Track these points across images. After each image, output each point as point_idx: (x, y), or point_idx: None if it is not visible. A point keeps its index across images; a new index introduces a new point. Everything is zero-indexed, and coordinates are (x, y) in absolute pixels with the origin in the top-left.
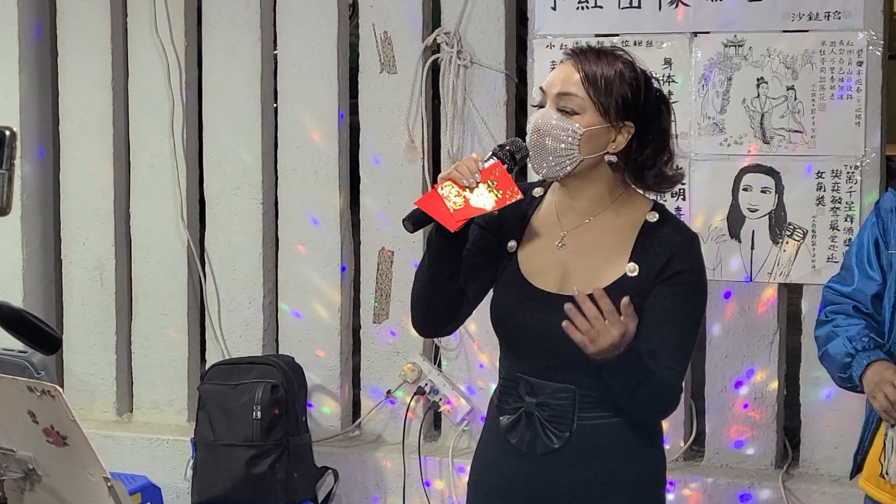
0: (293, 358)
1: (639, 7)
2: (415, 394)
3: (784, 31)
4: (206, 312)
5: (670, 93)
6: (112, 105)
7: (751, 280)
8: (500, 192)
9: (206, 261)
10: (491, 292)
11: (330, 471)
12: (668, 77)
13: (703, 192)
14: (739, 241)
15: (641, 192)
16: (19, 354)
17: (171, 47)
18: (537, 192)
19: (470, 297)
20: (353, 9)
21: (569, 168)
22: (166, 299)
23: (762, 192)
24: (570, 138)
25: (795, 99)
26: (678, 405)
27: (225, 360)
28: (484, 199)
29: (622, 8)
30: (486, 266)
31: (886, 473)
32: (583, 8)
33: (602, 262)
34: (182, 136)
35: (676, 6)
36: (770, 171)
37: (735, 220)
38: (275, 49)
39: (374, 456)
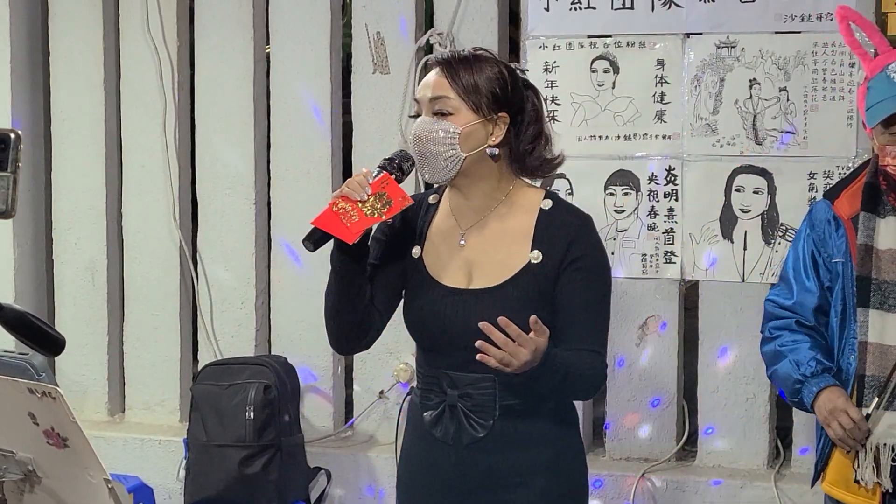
0: (286, 358)
1: (631, 8)
2: (407, 394)
3: (776, 33)
4: (198, 313)
5: (663, 94)
6: (104, 105)
7: (743, 281)
8: (392, 200)
9: (199, 261)
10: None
11: (323, 471)
12: (661, 78)
13: (695, 192)
14: (732, 242)
15: (529, 182)
16: (20, 356)
17: (163, 47)
18: (433, 199)
19: (381, 309)
20: (346, 9)
21: (455, 169)
22: (158, 299)
23: (754, 192)
24: (449, 139)
25: (788, 100)
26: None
27: (217, 360)
28: (377, 210)
29: (615, 9)
30: (392, 276)
31: (862, 479)
32: (576, 9)
33: (505, 254)
34: (174, 135)
35: (669, 7)
36: (762, 172)
37: (727, 221)
38: (267, 48)
39: (366, 456)
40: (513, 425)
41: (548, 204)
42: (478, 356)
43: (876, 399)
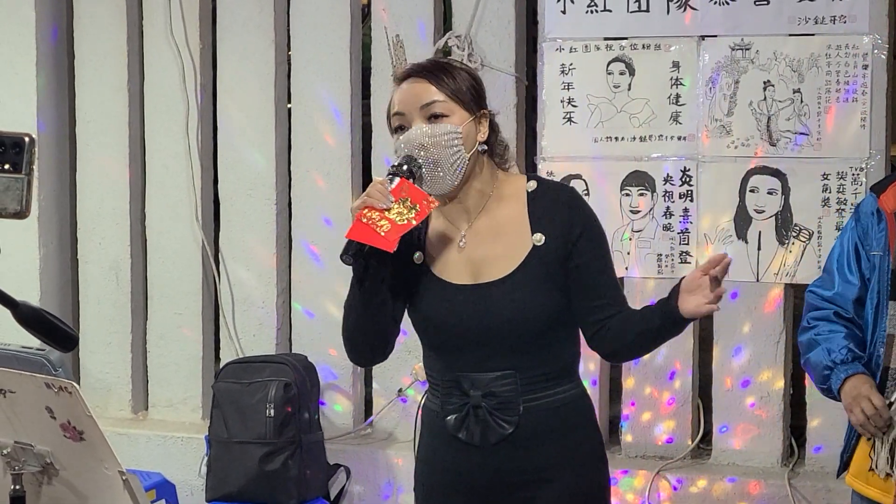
0: (306, 357)
1: (647, 11)
2: (426, 392)
3: (790, 35)
4: (220, 312)
5: (678, 95)
6: (128, 107)
7: (758, 280)
8: (417, 204)
9: (221, 260)
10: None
11: (342, 468)
12: (676, 80)
13: (710, 193)
14: (746, 242)
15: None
16: (37, 352)
17: (185, 50)
18: None
19: (396, 318)
20: (366, 12)
21: (462, 170)
22: (181, 299)
23: (769, 193)
24: (454, 139)
25: (801, 102)
26: None
27: (239, 358)
28: (405, 215)
29: (630, 12)
30: (398, 285)
31: (876, 466)
32: (592, 12)
33: (507, 244)
34: (197, 137)
35: (684, 10)
36: (776, 173)
37: (742, 222)
38: (288, 51)
39: (385, 453)
40: (536, 419)
41: (532, 185)
42: (713, 296)
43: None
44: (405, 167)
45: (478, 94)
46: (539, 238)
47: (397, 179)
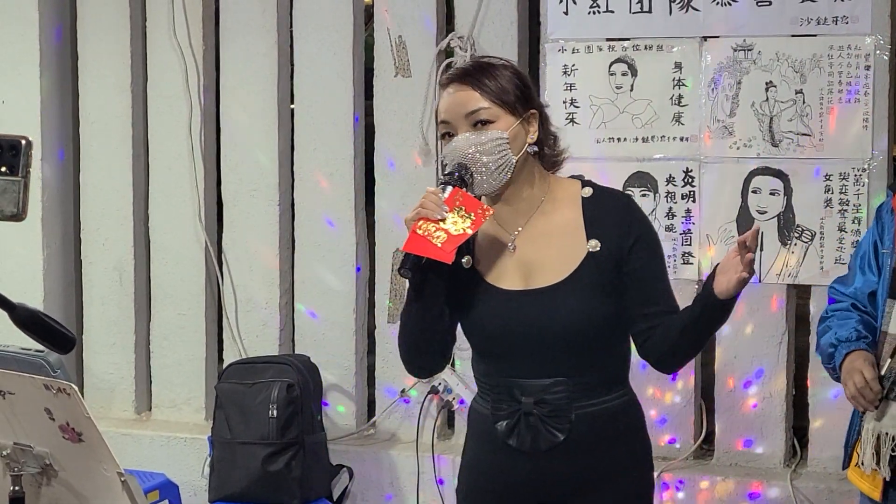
0: (309, 357)
1: (649, 11)
2: (428, 393)
3: (793, 36)
4: (223, 312)
5: (681, 96)
6: (131, 107)
7: (760, 281)
8: (472, 213)
9: (224, 261)
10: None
11: (345, 469)
12: (679, 81)
13: (712, 194)
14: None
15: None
16: (36, 354)
17: (189, 51)
18: None
19: (453, 324)
20: (369, 13)
21: (508, 174)
22: (184, 299)
23: (771, 194)
24: (500, 146)
25: (804, 102)
26: None
27: (242, 359)
28: (461, 225)
29: (633, 13)
30: (451, 294)
31: (862, 463)
32: (594, 13)
33: (560, 249)
34: (200, 138)
35: (686, 11)
36: (779, 174)
37: (744, 222)
38: (291, 53)
39: (388, 454)
40: (588, 427)
41: (588, 191)
42: (747, 256)
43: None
44: (456, 175)
45: (524, 93)
46: (594, 244)
47: (450, 188)
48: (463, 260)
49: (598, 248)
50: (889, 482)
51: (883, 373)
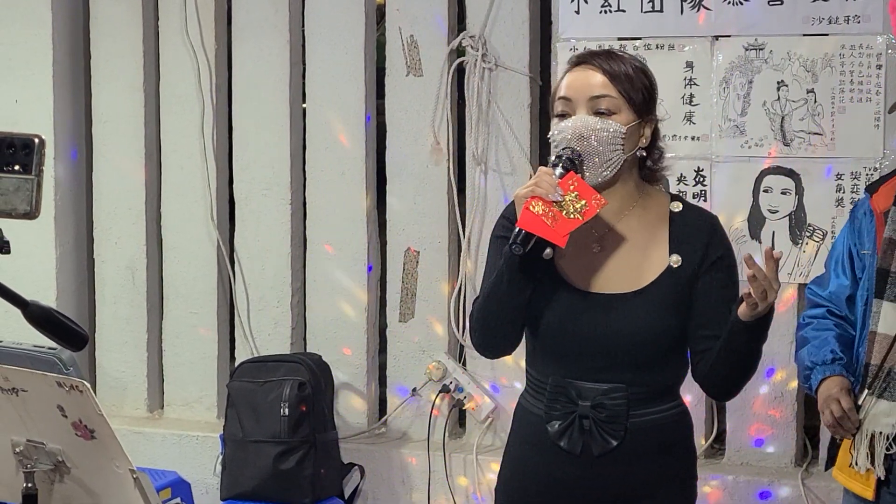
0: (321, 356)
1: (661, 11)
2: (440, 391)
3: (804, 35)
4: (235, 311)
5: (692, 95)
6: (143, 107)
7: None
8: (585, 201)
9: (236, 260)
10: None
11: (356, 467)
12: (690, 80)
13: (724, 193)
14: (760, 242)
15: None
16: (49, 351)
17: (201, 50)
18: None
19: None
20: (380, 13)
21: (614, 170)
22: (196, 298)
23: (782, 193)
24: (614, 139)
25: (815, 102)
26: None
27: (253, 357)
28: (573, 211)
29: (644, 12)
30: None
31: (856, 463)
32: (606, 12)
33: (642, 258)
34: (212, 137)
35: (698, 10)
36: (790, 173)
37: (755, 222)
38: (303, 52)
39: (399, 453)
40: (641, 436)
41: (677, 206)
42: (747, 272)
43: (866, 389)
44: (568, 158)
45: (650, 98)
46: (676, 260)
47: (567, 172)
48: (545, 252)
49: (679, 264)
50: (882, 481)
51: (885, 370)
